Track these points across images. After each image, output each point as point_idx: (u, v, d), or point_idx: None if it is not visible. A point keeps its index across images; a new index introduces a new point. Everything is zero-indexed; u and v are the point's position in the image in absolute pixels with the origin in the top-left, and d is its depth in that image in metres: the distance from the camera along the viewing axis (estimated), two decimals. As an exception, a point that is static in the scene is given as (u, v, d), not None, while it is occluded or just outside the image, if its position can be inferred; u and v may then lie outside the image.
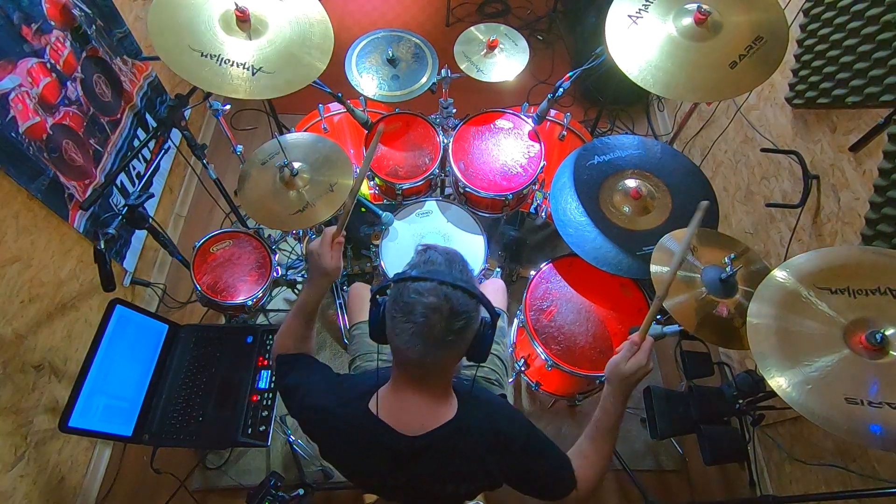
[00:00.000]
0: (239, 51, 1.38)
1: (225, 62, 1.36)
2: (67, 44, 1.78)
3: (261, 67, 1.38)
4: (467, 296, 0.88)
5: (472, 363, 0.99)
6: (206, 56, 1.34)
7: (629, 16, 1.49)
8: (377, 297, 0.96)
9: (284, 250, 2.44)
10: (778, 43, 1.42)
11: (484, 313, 0.94)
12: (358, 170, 1.76)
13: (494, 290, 1.72)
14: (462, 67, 1.85)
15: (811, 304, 1.11)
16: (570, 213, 1.65)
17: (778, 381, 1.03)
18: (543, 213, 1.99)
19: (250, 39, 1.40)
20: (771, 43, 1.42)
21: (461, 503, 1.16)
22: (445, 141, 1.94)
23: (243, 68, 1.37)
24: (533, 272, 1.77)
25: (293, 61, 1.43)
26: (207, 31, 1.37)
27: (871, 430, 0.96)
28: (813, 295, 1.11)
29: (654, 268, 1.35)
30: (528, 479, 1.03)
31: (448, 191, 2.17)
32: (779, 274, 1.16)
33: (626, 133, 2.96)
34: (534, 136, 1.95)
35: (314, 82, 1.52)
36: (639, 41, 1.46)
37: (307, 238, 2.26)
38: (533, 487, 1.04)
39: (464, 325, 0.88)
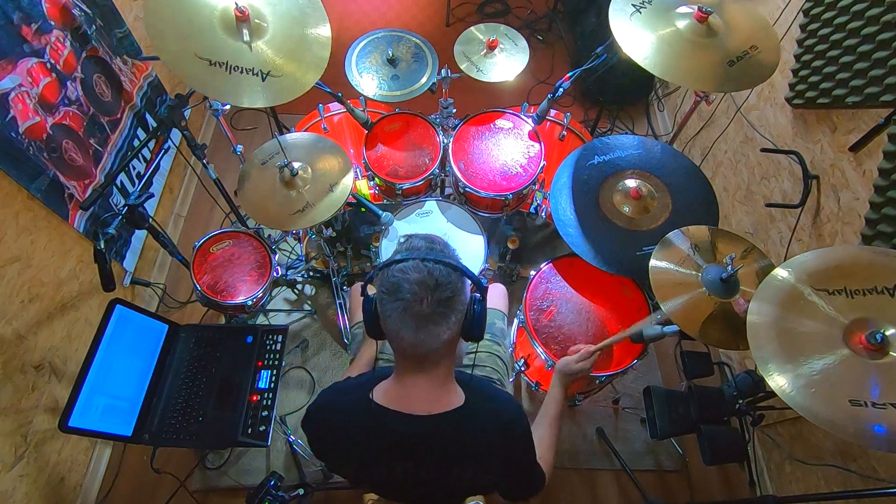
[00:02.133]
0: (245, 56, 1.36)
1: (234, 69, 1.34)
2: (67, 44, 1.78)
3: (269, 72, 1.37)
4: (449, 269, 0.91)
5: (471, 354, 1.04)
6: (214, 64, 1.32)
7: (633, 4, 1.49)
8: (366, 290, 1.00)
9: (284, 250, 2.44)
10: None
11: (471, 290, 0.97)
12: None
13: (497, 294, 1.73)
14: (462, 67, 1.85)
15: (810, 305, 1.10)
16: (570, 213, 1.65)
17: (780, 384, 1.02)
18: (543, 213, 1.99)
19: (251, 41, 1.39)
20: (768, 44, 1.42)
21: (462, 500, 1.16)
22: (445, 141, 1.94)
23: (252, 73, 1.36)
24: (533, 272, 1.77)
25: (297, 61, 1.42)
26: (210, 35, 1.35)
27: (876, 430, 0.96)
28: (812, 295, 1.11)
29: (654, 266, 1.35)
30: (524, 470, 1.08)
31: (448, 191, 2.17)
32: (777, 274, 1.16)
33: (626, 133, 2.96)
34: (534, 136, 1.95)
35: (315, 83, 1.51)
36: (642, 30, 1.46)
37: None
38: (524, 480, 1.08)
39: (451, 296, 0.90)
